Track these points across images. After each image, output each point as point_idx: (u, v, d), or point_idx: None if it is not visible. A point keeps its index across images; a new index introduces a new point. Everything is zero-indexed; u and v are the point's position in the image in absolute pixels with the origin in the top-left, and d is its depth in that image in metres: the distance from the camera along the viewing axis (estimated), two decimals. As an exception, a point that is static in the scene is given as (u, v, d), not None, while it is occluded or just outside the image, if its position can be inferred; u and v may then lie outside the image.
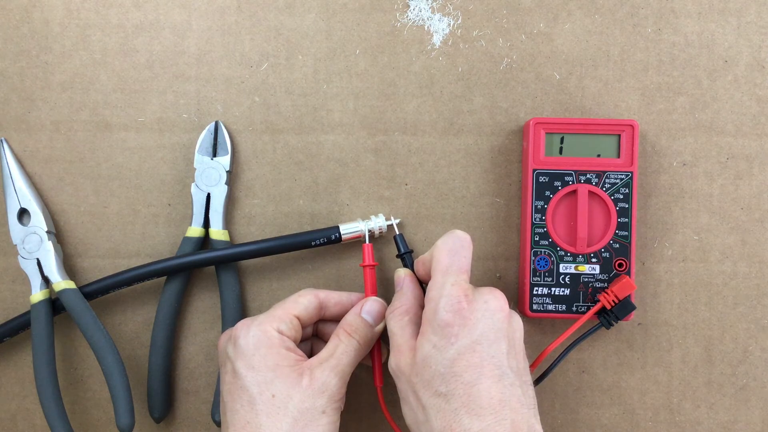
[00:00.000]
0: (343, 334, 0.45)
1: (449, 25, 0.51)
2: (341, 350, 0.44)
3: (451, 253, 0.43)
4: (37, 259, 0.49)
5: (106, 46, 0.51)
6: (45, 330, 0.48)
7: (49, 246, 0.49)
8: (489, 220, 0.51)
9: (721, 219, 0.51)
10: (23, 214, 0.50)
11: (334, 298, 0.47)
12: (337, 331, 0.45)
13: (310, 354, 0.48)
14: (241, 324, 0.44)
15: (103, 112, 0.51)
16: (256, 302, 0.52)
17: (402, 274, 0.47)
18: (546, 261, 0.49)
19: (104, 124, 0.51)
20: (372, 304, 0.47)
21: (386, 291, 0.51)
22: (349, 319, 0.46)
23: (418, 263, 0.46)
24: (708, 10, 0.51)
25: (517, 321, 0.42)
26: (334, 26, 0.51)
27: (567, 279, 0.49)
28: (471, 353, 0.39)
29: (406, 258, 0.49)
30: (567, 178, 0.49)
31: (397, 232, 0.49)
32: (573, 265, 0.49)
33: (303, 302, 0.46)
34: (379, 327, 0.46)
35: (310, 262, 0.52)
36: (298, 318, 0.45)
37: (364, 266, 0.49)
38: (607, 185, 0.48)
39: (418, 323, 0.44)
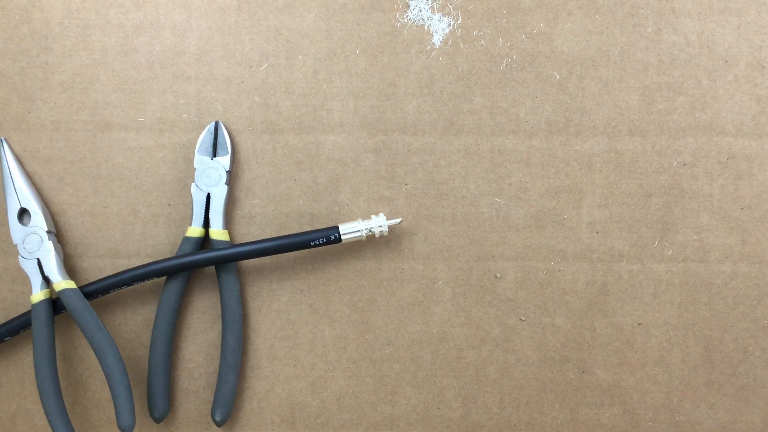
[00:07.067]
0: None
1: (449, 25, 0.51)
2: None
3: None
4: (38, 259, 0.49)
5: (106, 46, 0.51)
6: (45, 330, 0.48)
7: (49, 246, 0.49)
8: (489, 220, 0.51)
9: (721, 219, 0.51)
10: (23, 214, 0.50)
11: None
12: None
13: None
14: None
15: (103, 112, 0.51)
16: (256, 302, 0.52)
17: None
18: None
19: (104, 124, 0.51)
20: None
21: (387, 295, 0.51)
22: None
23: None
24: (708, 10, 0.51)
25: None
26: (334, 26, 0.51)
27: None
28: None
29: None
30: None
31: None
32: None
33: None
34: None
35: (310, 262, 0.52)
36: None
37: None
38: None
39: None
